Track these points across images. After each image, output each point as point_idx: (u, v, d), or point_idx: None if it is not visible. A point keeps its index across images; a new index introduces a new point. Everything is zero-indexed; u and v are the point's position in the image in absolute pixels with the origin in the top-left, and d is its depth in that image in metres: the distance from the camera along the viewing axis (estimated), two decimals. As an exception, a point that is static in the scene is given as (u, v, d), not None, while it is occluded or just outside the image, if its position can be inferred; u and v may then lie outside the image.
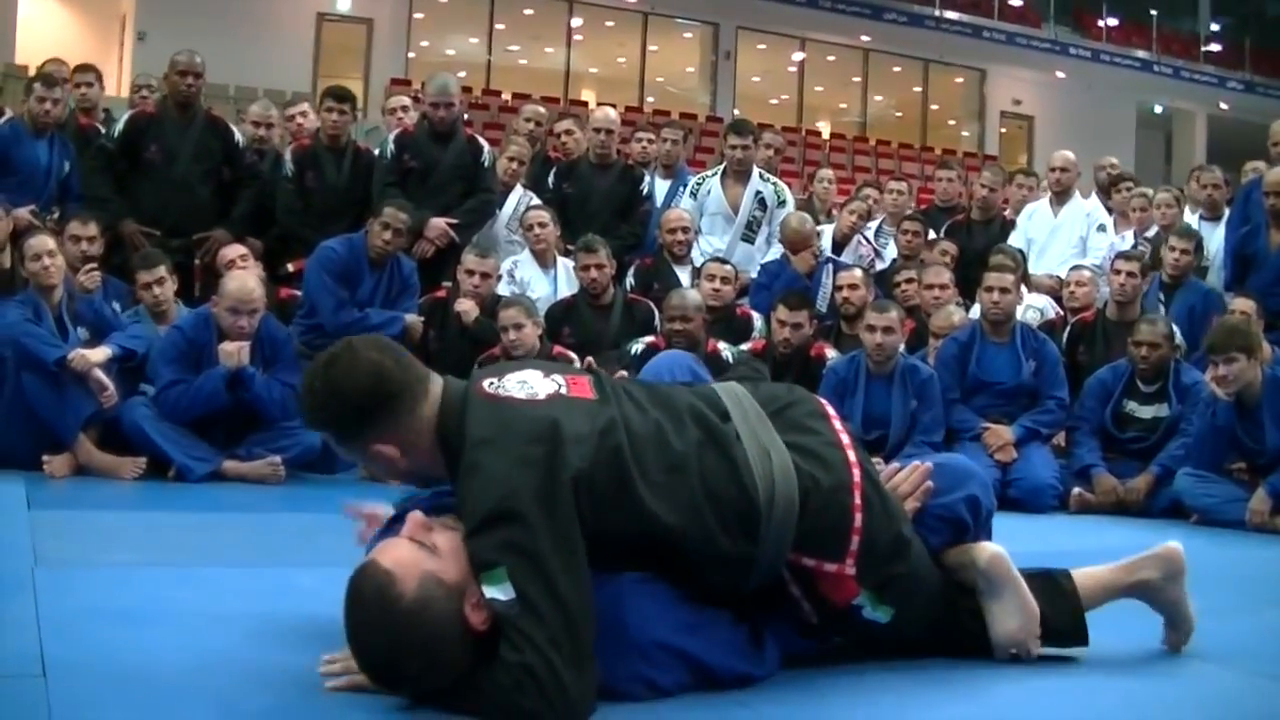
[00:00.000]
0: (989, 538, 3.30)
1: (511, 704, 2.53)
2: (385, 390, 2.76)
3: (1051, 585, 3.27)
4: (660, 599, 2.81)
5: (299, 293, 7.91)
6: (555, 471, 2.61)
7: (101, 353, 6.29)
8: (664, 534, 2.74)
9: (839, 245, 9.84)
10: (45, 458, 6.15)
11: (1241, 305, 7.80)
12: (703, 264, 8.70)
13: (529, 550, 2.55)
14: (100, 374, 6.19)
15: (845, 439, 3.03)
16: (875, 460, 3.20)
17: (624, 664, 2.74)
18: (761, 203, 9.54)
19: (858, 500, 2.92)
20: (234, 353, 6.41)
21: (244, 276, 6.75)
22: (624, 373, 6.33)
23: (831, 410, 3.13)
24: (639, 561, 2.79)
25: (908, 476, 3.23)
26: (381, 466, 2.90)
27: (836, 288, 8.69)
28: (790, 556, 2.88)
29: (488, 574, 2.56)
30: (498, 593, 2.55)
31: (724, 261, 8.63)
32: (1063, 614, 3.25)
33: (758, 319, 8.45)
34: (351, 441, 2.85)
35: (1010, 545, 3.24)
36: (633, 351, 7.52)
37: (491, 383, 2.82)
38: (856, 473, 2.96)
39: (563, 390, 2.82)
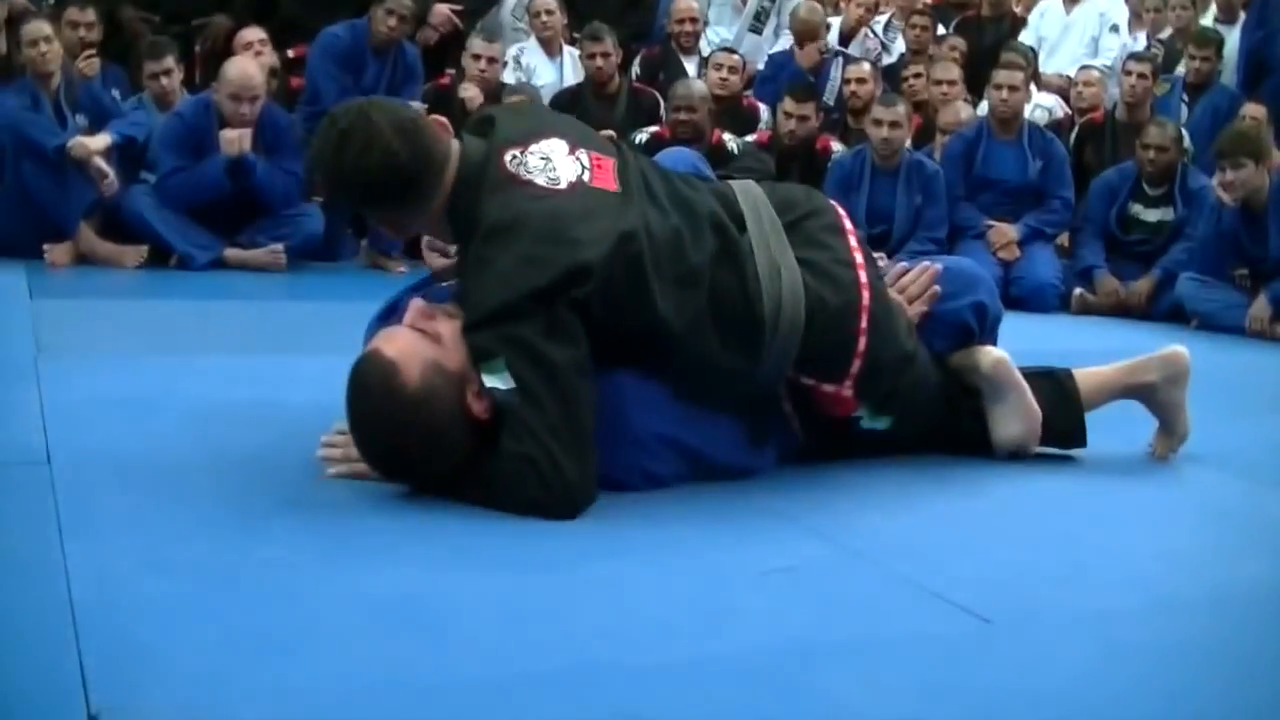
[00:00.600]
0: (995, 343, 3.31)
1: (513, 493, 2.59)
2: (396, 181, 2.72)
3: (1054, 386, 3.29)
4: (660, 393, 2.83)
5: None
6: (562, 272, 2.59)
7: (101, 140, 6.24)
8: (668, 338, 2.74)
9: (846, 38, 9.68)
10: (46, 246, 6.15)
11: (1253, 111, 7.70)
12: (710, 53, 8.58)
13: (529, 342, 2.57)
14: (101, 161, 6.15)
15: (858, 257, 2.99)
16: (879, 255, 3.19)
17: (622, 453, 2.77)
18: (771, -6, 9.39)
19: (864, 324, 2.90)
20: (235, 140, 6.35)
21: (244, 63, 6.66)
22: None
23: (848, 224, 3.07)
24: (641, 361, 2.80)
25: (916, 278, 3.22)
26: (408, 224, 2.94)
27: (844, 81, 8.58)
28: (789, 374, 2.90)
29: (488, 364, 2.58)
30: (497, 382, 2.58)
31: (732, 51, 8.51)
32: (1064, 416, 3.28)
33: (764, 110, 8.35)
34: (371, 216, 2.86)
35: (1011, 345, 3.26)
36: (637, 141, 7.47)
37: (514, 156, 2.76)
38: (866, 294, 2.93)
39: (585, 176, 2.77)
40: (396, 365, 2.58)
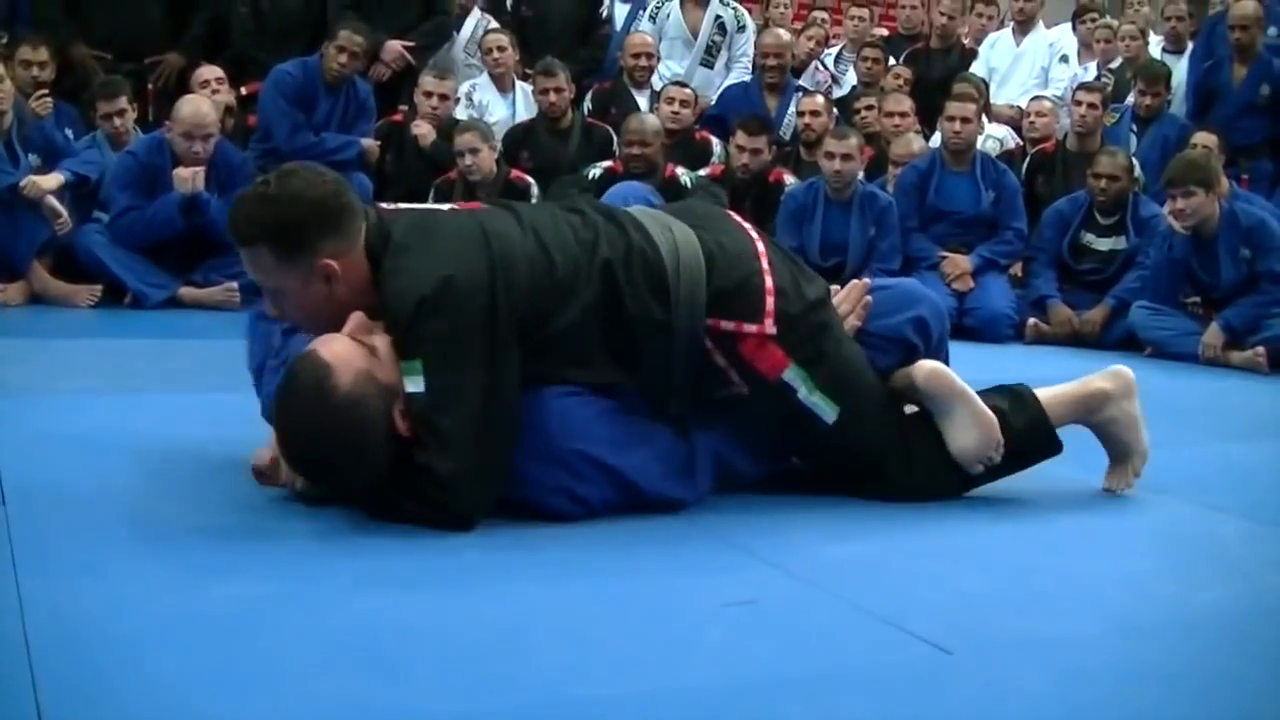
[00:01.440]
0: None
1: (408, 502, 2.69)
2: (343, 197, 2.77)
3: (1012, 396, 3.26)
4: (590, 413, 2.84)
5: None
6: (478, 263, 2.70)
7: (54, 179, 6.23)
8: (585, 312, 2.81)
9: (797, 70, 9.74)
10: (-1, 285, 6.10)
11: (1203, 139, 7.76)
12: (662, 87, 8.61)
13: (444, 343, 2.66)
14: (54, 200, 6.14)
15: (746, 225, 3.12)
16: (833, 287, 3.20)
17: (548, 474, 2.79)
18: (721, 27, 9.41)
19: (764, 264, 2.98)
20: (189, 178, 6.34)
21: (197, 101, 6.65)
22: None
23: (731, 213, 3.24)
24: (574, 358, 2.85)
25: (847, 294, 3.22)
26: (318, 292, 2.76)
27: (798, 113, 8.60)
28: (709, 322, 2.91)
29: (406, 365, 2.66)
30: (413, 385, 2.66)
31: (684, 85, 8.54)
32: (1025, 419, 3.22)
33: (716, 144, 8.37)
34: (299, 254, 2.73)
35: (965, 374, 3.25)
36: (590, 175, 7.49)
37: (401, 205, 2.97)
38: (760, 244, 3.04)
39: (457, 209, 2.96)
40: (331, 368, 2.62)
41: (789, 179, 7.86)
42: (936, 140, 8.11)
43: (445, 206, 2.99)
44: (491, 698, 1.91)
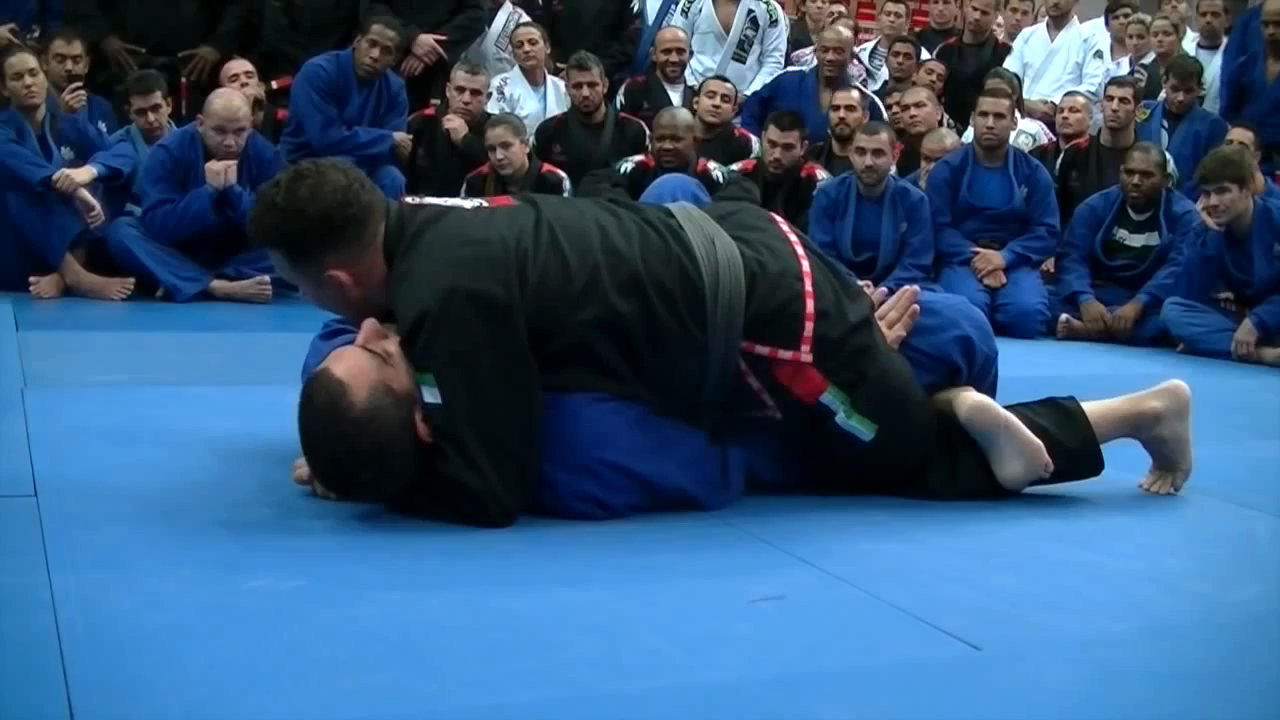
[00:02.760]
0: (992, 390, 3.24)
1: (442, 510, 2.68)
2: (350, 208, 2.76)
3: (1060, 411, 3.22)
4: (620, 421, 2.81)
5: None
6: (484, 271, 2.67)
7: (87, 172, 6.24)
8: (613, 321, 2.76)
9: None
10: (32, 279, 6.14)
11: (1240, 135, 7.71)
12: (701, 82, 8.60)
13: (452, 358, 2.64)
14: (86, 194, 6.15)
15: (793, 237, 3.03)
16: (864, 283, 3.17)
17: (578, 483, 2.78)
18: (754, 21, 9.39)
19: (808, 287, 2.90)
20: (220, 172, 6.35)
21: (229, 94, 6.66)
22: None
23: (779, 219, 3.13)
24: (598, 369, 2.79)
25: (895, 303, 3.18)
26: (331, 294, 2.84)
27: (833, 107, 8.56)
28: (744, 345, 2.85)
29: (421, 376, 2.65)
30: (430, 396, 2.65)
31: (724, 79, 8.53)
32: (1075, 438, 3.19)
33: (755, 141, 8.34)
34: (306, 263, 2.80)
35: (998, 370, 3.24)
36: (623, 170, 7.50)
37: (426, 200, 2.95)
38: (805, 263, 2.95)
39: (484, 204, 2.93)
40: (344, 385, 2.61)
41: (821, 174, 7.85)
42: (969, 135, 8.08)
43: (469, 203, 2.95)
44: (522, 692, 1.91)
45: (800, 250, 2.99)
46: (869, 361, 2.96)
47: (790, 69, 9.33)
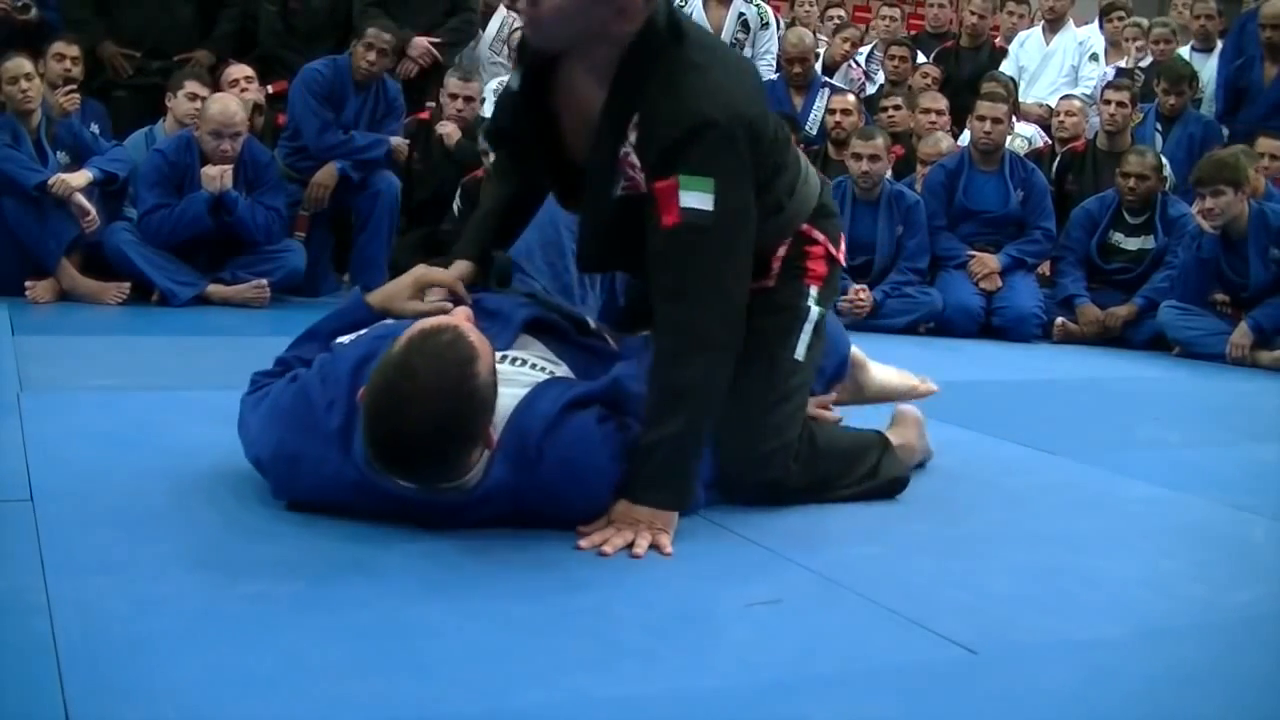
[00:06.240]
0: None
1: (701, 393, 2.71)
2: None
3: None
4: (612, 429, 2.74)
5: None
6: (761, 107, 2.77)
7: (82, 177, 6.23)
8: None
9: (830, 69, 9.72)
10: (28, 283, 6.13)
11: (1268, 146, 7.58)
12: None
13: (730, 171, 2.64)
14: (81, 198, 6.15)
15: None
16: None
17: (603, 493, 2.73)
18: (744, 24, 9.36)
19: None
20: (216, 176, 6.35)
21: (225, 99, 6.65)
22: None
23: None
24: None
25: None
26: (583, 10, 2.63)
27: (829, 111, 8.54)
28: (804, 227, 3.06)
29: (694, 179, 2.59)
30: (693, 201, 2.58)
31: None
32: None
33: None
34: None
35: (994, 373, 3.27)
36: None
37: None
38: None
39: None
40: (477, 352, 2.47)
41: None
42: (964, 139, 8.08)
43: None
44: (514, 696, 1.91)
45: None
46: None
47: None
